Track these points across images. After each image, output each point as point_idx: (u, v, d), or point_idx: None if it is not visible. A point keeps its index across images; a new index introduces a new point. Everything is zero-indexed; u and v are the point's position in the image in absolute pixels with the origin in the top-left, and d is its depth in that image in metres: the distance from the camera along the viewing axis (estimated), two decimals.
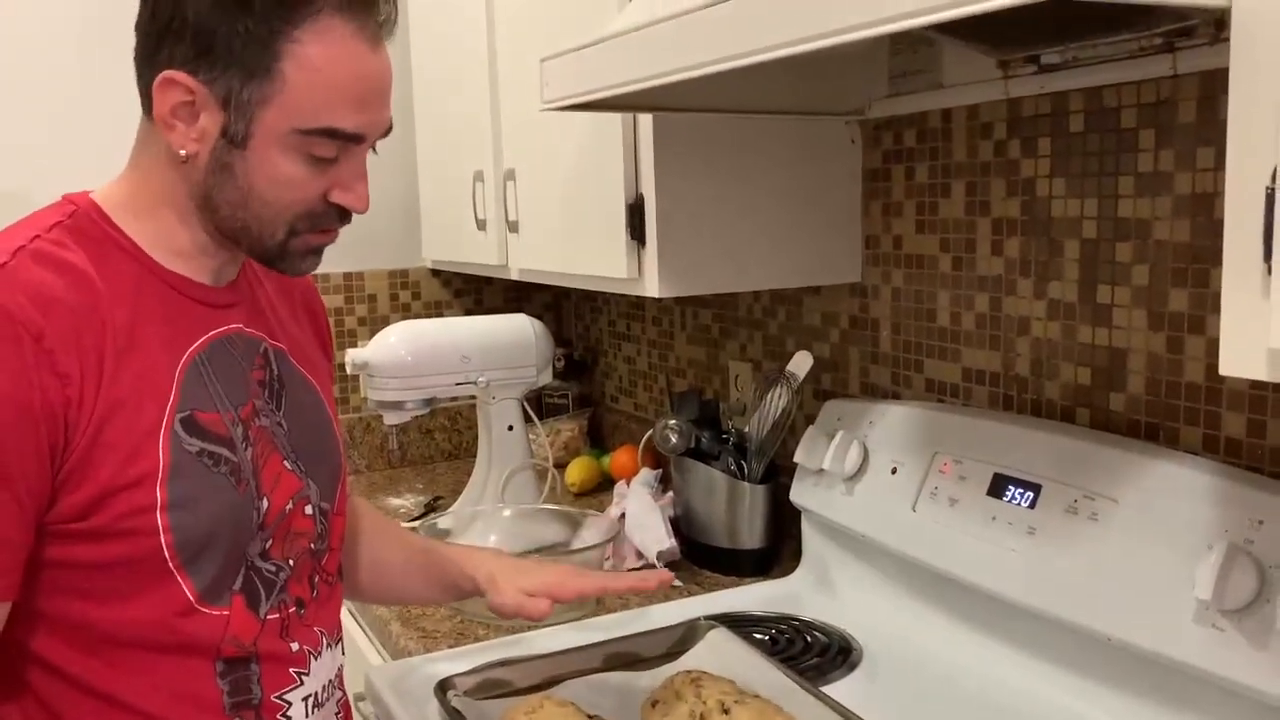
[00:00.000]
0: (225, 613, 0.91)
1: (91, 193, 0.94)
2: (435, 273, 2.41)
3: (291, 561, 0.98)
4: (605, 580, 1.24)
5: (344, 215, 0.95)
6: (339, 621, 1.07)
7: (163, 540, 0.86)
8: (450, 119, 2.08)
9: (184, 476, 0.87)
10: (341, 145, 0.91)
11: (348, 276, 2.34)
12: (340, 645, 1.07)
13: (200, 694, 0.91)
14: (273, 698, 0.95)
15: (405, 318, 2.34)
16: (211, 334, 0.95)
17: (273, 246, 0.93)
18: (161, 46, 0.88)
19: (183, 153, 0.89)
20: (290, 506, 0.97)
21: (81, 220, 0.91)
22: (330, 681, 1.02)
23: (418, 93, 2.24)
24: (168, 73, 0.87)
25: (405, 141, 2.30)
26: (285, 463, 0.98)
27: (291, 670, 0.96)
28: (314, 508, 1.01)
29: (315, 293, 1.17)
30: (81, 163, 1.10)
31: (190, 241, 0.94)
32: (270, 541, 0.95)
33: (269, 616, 0.95)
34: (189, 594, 0.89)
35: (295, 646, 0.97)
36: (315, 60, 0.87)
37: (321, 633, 1.01)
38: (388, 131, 0.95)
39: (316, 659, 0.99)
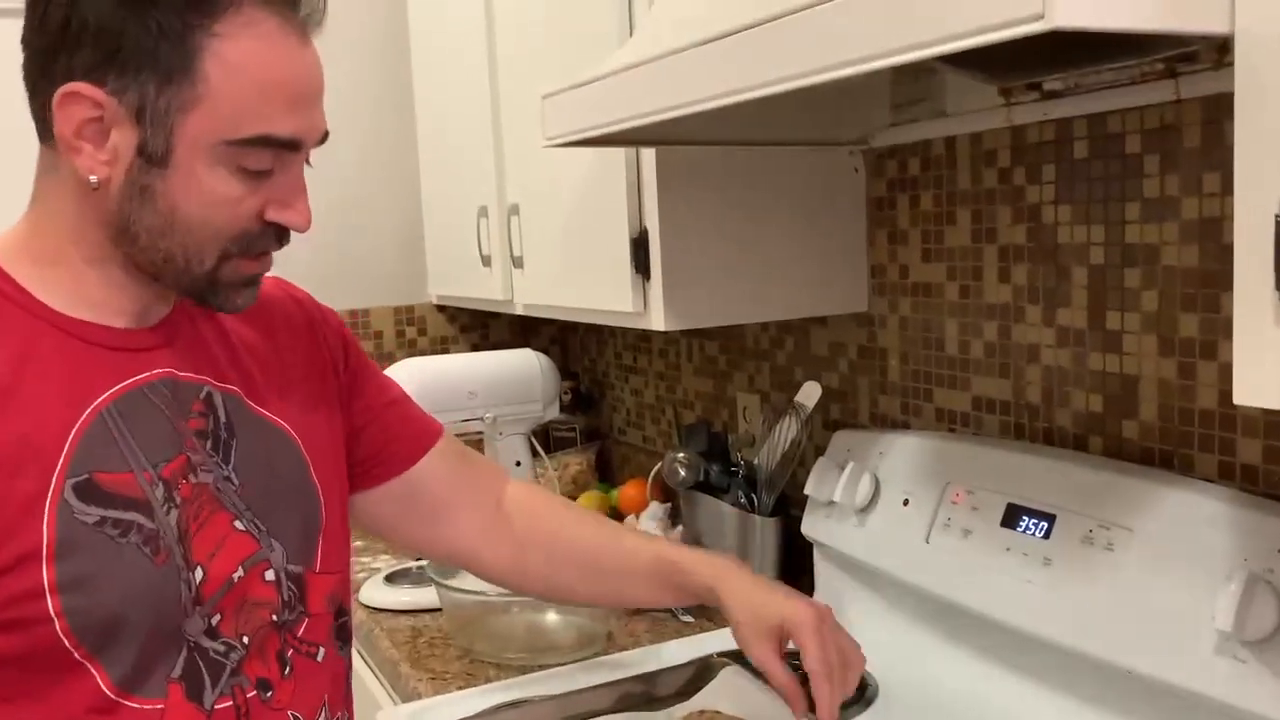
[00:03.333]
0: (159, 706, 0.79)
1: None
2: (441, 308, 2.41)
3: (247, 638, 0.85)
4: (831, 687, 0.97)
5: (281, 236, 0.84)
6: (336, 697, 0.95)
7: (59, 628, 0.75)
8: (454, 154, 2.08)
9: (78, 552, 0.76)
10: (276, 155, 0.80)
11: (353, 313, 2.34)
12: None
13: None
14: None
15: (411, 354, 2.33)
16: (127, 383, 0.82)
17: (201, 277, 0.82)
18: (57, 56, 0.76)
19: (93, 179, 0.77)
20: (240, 574, 0.85)
21: None
22: None
23: (421, 128, 2.25)
24: (69, 85, 0.75)
25: (409, 177, 2.31)
26: (236, 523, 0.86)
27: None
28: (277, 571, 0.88)
29: (305, 302, 1.05)
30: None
31: (102, 284, 0.82)
32: (219, 617, 0.83)
33: (217, 706, 0.82)
34: (103, 686, 0.77)
35: None
36: (240, 57, 0.76)
37: (296, 717, 0.88)
38: (323, 139, 0.85)
39: None
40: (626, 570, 1.11)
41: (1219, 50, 1.01)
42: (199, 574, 0.82)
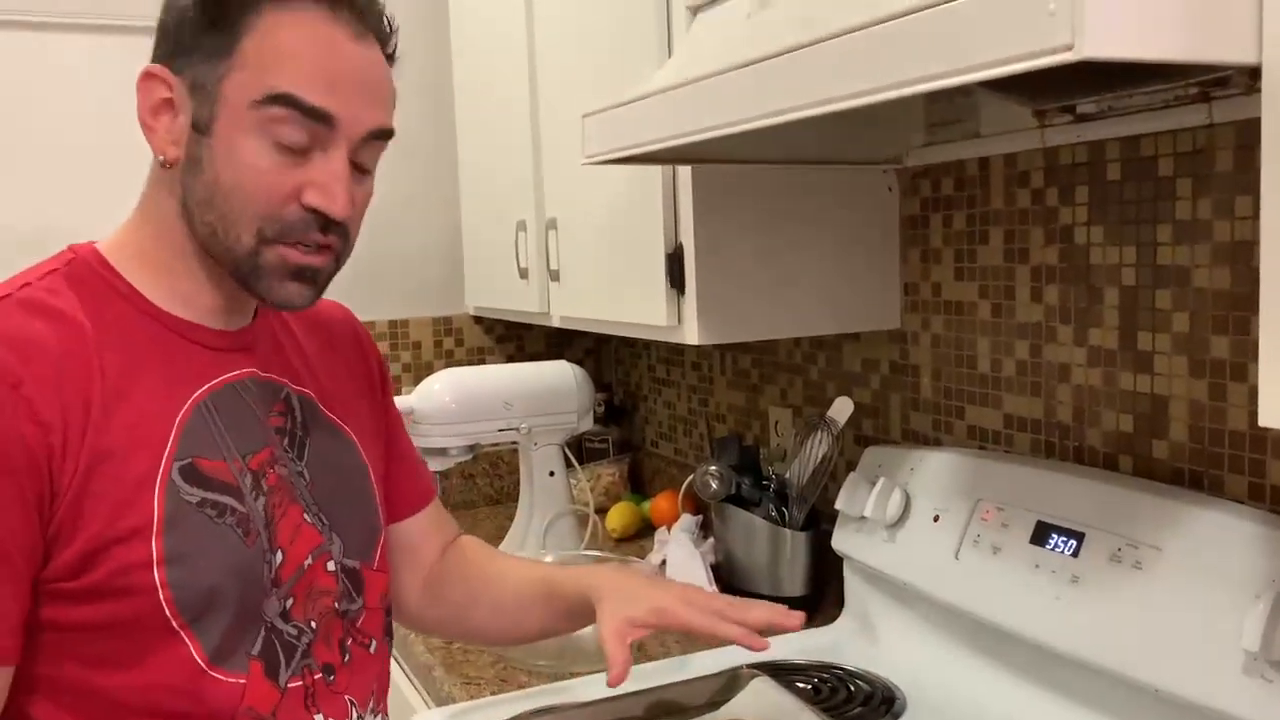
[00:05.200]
0: (241, 680, 0.85)
1: (97, 242, 0.91)
2: (478, 320, 2.45)
3: (314, 624, 0.91)
4: (715, 624, 1.04)
5: (325, 227, 0.86)
6: (381, 689, 1.00)
7: (161, 598, 0.81)
8: (494, 169, 2.12)
9: (182, 528, 0.82)
10: (310, 129, 0.83)
11: (393, 324, 2.38)
12: (381, 717, 0.99)
13: None
14: None
15: (449, 364, 2.37)
16: (221, 379, 0.89)
17: (243, 257, 0.85)
18: (153, 55, 0.87)
19: (161, 157, 0.86)
20: (310, 562, 0.91)
21: (79, 268, 0.87)
22: None
23: (462, 144, 2.29)
24: (148, 66, 0.85)
25: (450, 191, 2.36)
26: (305, 515, 0.92)
27: None
28: (336, 564, 0.94)
29: (363, 334, 1.11)
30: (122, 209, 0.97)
31: (189, 280, 0.89)
32: (291, 601, 0.89)
33: (290, 684, 0.88)
34: (197, 656, 0.83)
35: (319, 719, 0.90)
36: (274, 27, 0.83)
37: (352, 703, 0.94)
38: (377, 135, 0.88)
39: None
40: (522, 602, 1.14)
41: (1251, 75, 1.02)
42: (279, 557, 0.88)
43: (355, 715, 0.94)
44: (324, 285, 0.91)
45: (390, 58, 0.90)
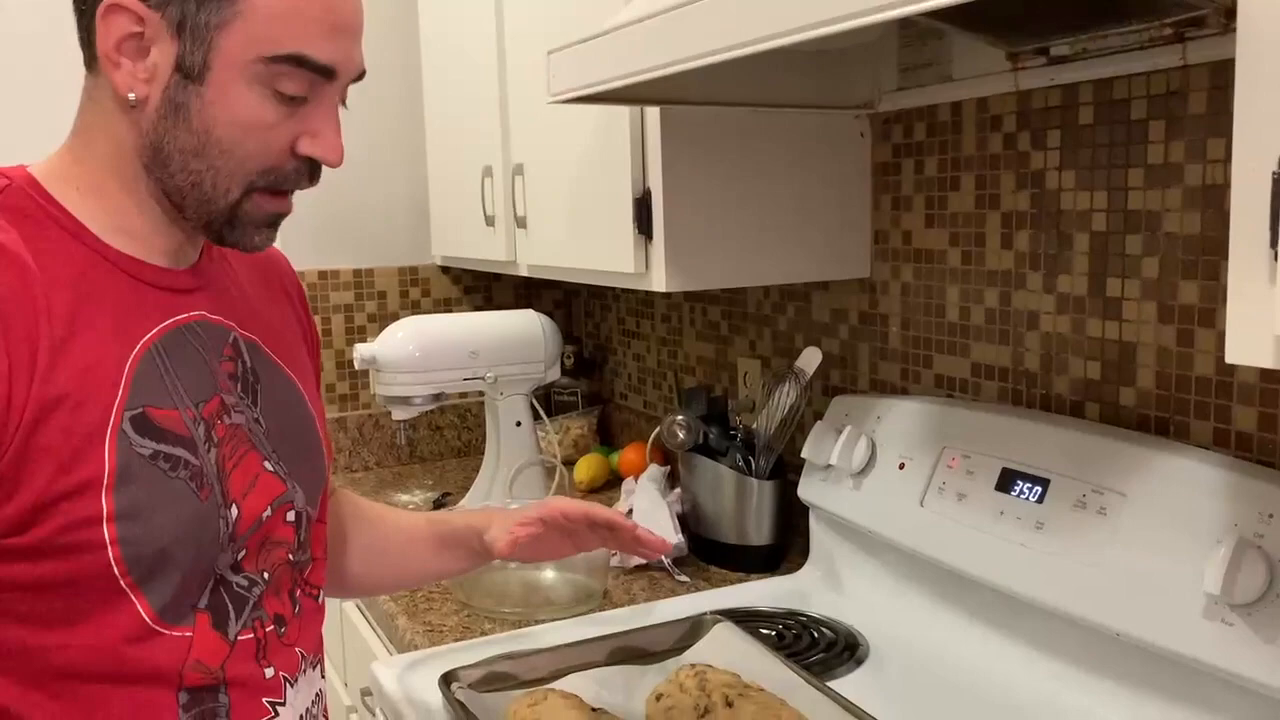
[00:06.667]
0: (188, 633, 0.81)
1: (29, 166, 0.83)
2: (445, 270, 2.41)
3: (267, 574, 0.87)
4: (592, 509, 1.15)
5: (312, 173, 0.85)
6: (321, 640, 0.98)
7: (111, 555, 0.76)
8: (460, 114, 2.08)
9: (135, 482, 0.77)
10: (311, 81, 0.81)
11: (358, 273, 2.34)
12: (320, 667, 0.97)
13: None
14: None
15: (415, 314, 2.34)
16: (170, 321, 0.84)
17: (224, 208, 0.82)
18: None
19: (131, 96, 0.78)
20: (269, 513, 0.87)
21: (14, 196, 0.79)
22: (309, 710, 0.92)
23: (428, 88, 2.25)
24: None
25: (415, 138, 2.31)
26: (265, 464, 0.88)
27: (265, 700, 0.86)
28: (296, 513, 0.90)
29: (298, 281, 1.07)
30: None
31: (139, 216, 0.83)
32: (244, 553, 0.85)
33: (240, 637, 0.84)
34: (144, 614, 0.79)
35: (270, 672, 0.87)
36: None
37: (302, 654, 0.91)
38: (360, 76, 0.85)
39: (293, 685, 0.89)
40: (409, 540, 1.18)
41: (1226, 14, 1.01)
42: (234, 511, 0.84)
43: (304, 667, 0.92)
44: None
45: None
